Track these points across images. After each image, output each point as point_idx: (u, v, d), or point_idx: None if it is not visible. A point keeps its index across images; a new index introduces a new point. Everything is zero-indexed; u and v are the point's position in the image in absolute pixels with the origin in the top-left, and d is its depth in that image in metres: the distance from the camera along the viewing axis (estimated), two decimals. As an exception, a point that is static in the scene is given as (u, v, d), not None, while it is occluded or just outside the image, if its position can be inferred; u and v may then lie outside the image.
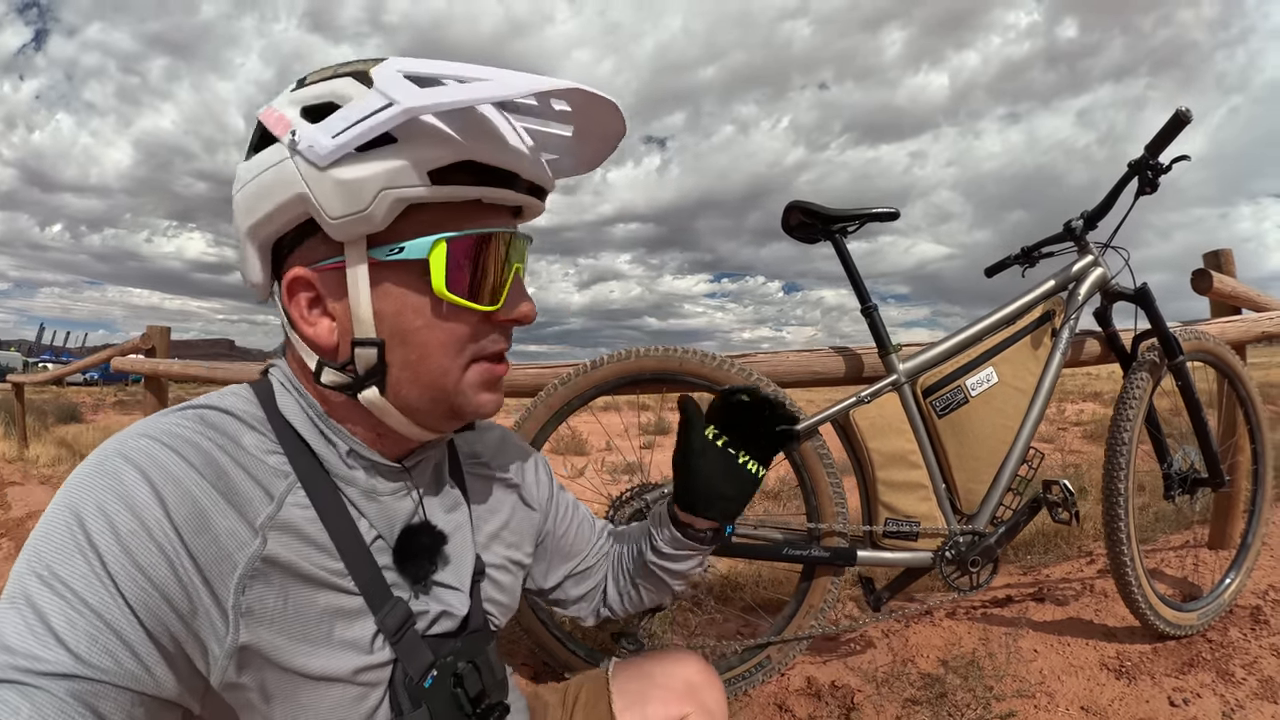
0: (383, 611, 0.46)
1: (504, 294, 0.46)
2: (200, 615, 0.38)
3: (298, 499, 0.44)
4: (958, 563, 1.20)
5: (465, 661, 0.50)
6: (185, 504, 0.38)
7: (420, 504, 0.51)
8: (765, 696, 1.29)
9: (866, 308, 1.24)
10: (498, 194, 0.44)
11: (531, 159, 0.45)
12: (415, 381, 0.45)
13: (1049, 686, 1.27)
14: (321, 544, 0.44)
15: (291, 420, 0.46)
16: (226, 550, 0.39)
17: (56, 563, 0.35)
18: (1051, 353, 1.30)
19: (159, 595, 0.36)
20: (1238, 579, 1.52)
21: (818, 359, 1.32)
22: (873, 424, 1.18)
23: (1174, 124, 1.24)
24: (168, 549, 0.37)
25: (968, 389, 1.22)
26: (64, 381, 14.46)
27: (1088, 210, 1.39)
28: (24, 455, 5.02)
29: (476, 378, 0.47)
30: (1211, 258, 1.84)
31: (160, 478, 0.38)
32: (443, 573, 0.51)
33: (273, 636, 0.41)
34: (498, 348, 0.48)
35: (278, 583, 0.41)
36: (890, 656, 1.41)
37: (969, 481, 1.22)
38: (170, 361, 2.97)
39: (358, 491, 0.47)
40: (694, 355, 1.19)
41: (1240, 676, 1.28)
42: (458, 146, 0.41)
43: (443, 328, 0.44)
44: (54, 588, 0.34)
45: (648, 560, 0.67)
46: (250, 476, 0.42)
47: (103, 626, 0.34)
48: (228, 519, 0.40)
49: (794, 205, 1.24)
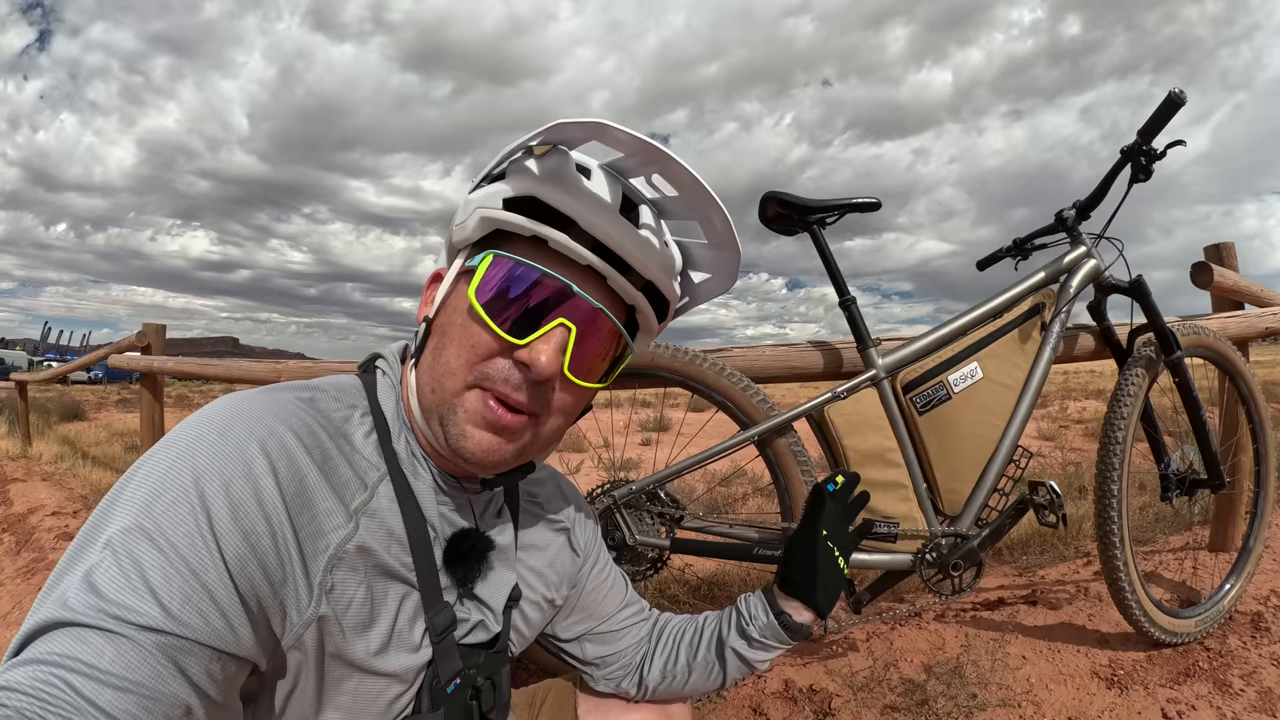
0: (433, 611, 0.49)
1: (532, 336, 0.46)
2: (289, 584, 0.40)
3: (386, 490, 0.47)
4: (939, 565, 1.15)
5: (485, 677, 0.52)
6: (295, 480, 0.41)
7: (474, 516, 0.54)
8: (740, 699, 1.25)
9: (844, 300, 1.20)
10: (550, 232, 0.46)
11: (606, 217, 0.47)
12: (431, 369, 0.48)
13: (1036, 695, 1.23)
14: (399, 536, 0.47)
15: (386, 413, 0.49)
16: (323, 529, 0.42)
17: (164, 517, 0.36)
18: (1041, 348, 1.25)
19: (256, 561, 0.38)
20: (1238, 584, 1.46)
21: (795, 354, 1.28)
22: (848, 420, 1.14)
23: (1167, 107, 1.18)
24: (273, 519, 0.39)
25: (950, 385, 1.17)
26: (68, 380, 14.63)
27: (1080, 200, 1.33)
28: (27, 453, 5.07)
29: (473, 404, 0.46)
30: (1213, 251, 1.78)
31: (276, 451, 0.40)
32: (483, 586, 0.53)
33: (344, 620, 0.43)
34: (506, 389, 0.46)
35: (361, 569, 0.44)
36: (872, 660, 1.36)
37: (951, 481, 1.18)
38: (165, 358, 2.98)
39: (424, 487, 0.49)
40: (666, 350, 1.15)
41: (1238, 688, 1.23)
42: (530, 182, 0.46)
43: (466, 329, 0.46)
44: (157, 543, 0.35)
45: (728, 643, 0.66)
46: (349, 464, 0.45)
47: (198, 586, 0.35)
48: (328, 500, 0.43)
49: (770, 196, 1.20)
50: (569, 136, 0.46)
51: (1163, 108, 1.19)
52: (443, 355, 0.47)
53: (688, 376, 1.15)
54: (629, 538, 1.11)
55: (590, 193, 0.47)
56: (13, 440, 5.53)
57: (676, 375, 1.16)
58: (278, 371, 1.94)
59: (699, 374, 1.15)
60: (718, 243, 0.52)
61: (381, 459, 0.48)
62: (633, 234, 0.48)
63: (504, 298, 0.46)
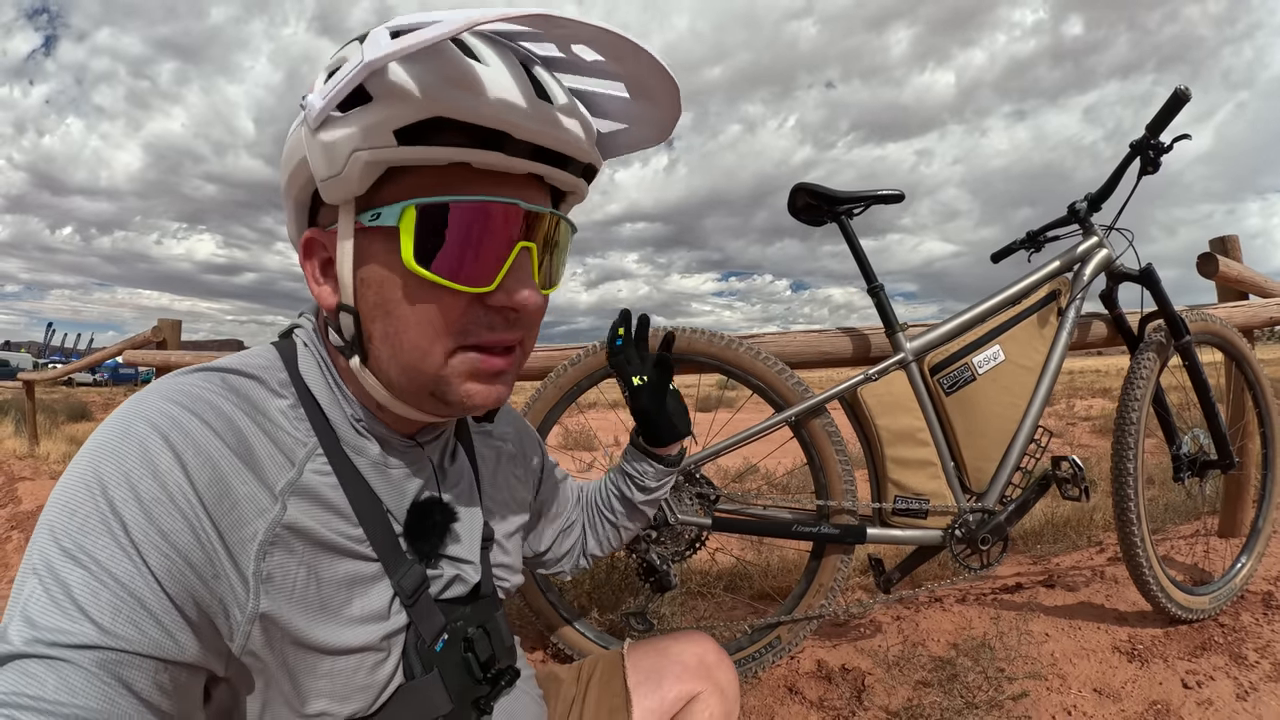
0: (399, 574, 0.46)
1: (499, 275, 0.40)
2: (222, 580, 0.37)
3: (318, 465, 0.43)
4: (968, 540, 1.19)
5: (475, 626, 0.50)
6: (206, 469, 0.37)
7: (435, 479, 0.51)
8: (775, 679, 1.28)
9: (873, 286, 1.25)
10: (482, 156, 0.38)
11: (534, 115, 0.39)
12: (394, 358, 0.42)
13: (1061, 669, 1.26)
14: (341, 510, 0.43)
15: (310, 383, 0.45)
16: (246, 516, 0.39)
17: (79, 533, 0.34)
18: (1058, 332, 1.30)
19: (182, 561, 0.36)
20: (1249, 563, 1.51)
21: (826, 339, 1.33)
22: (880, 401, 1.19)
23: (1173, 102, 1.24)
24: (189, 515, 0.36)
25: (975, 366, 1.22)
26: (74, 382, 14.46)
27: (1091, 193, 1.39)
28: (35, 452, 5.06)
29: (464, 366, 0.42)
30: (1218, 243, 1.84)
31: (182, 442, 0.37)
32: (454, 547, 0.51)
33: (292, 609, 0.40)
34: (493, 337, 0.42)
35: (299, 550, 0.41)
36: (901, 640, 1.40)
37: (977, 459, 1.22)
38: (182, 353, 2.98)
39: (367, 463, 0.46)
40: (702, 335, 1.20)
41: (1253, 659, 1.27)
42: (423, 101, 0.36)
43: (418, 306, 0.40)
44: (77, 559, 0.33)
45: (635, 501, 0.74)
46: (271, 441, 0.41)
47: (126, 596, 0.34)
48: (248, 485, 0.39)
49: (800, 187, 1.25)
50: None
51: (1169, 103, 1.26)
52: (403, 339, 0.41)
53: (724, 361, 1.20)
54: (670, 517, 1.15)
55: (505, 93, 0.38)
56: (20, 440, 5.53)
57: (713, 360, 1.20)
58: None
59: (735, 358, 1.19)
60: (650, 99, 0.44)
61: (311, 432, 0.44)
62: (564, 125, 0.41)
63: (452, 250, 0.39)
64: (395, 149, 0.37)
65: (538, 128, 0.39)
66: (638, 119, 0.47)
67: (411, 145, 0.37)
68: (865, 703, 1.18)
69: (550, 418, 1.25)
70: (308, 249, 0.45)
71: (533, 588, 1.27)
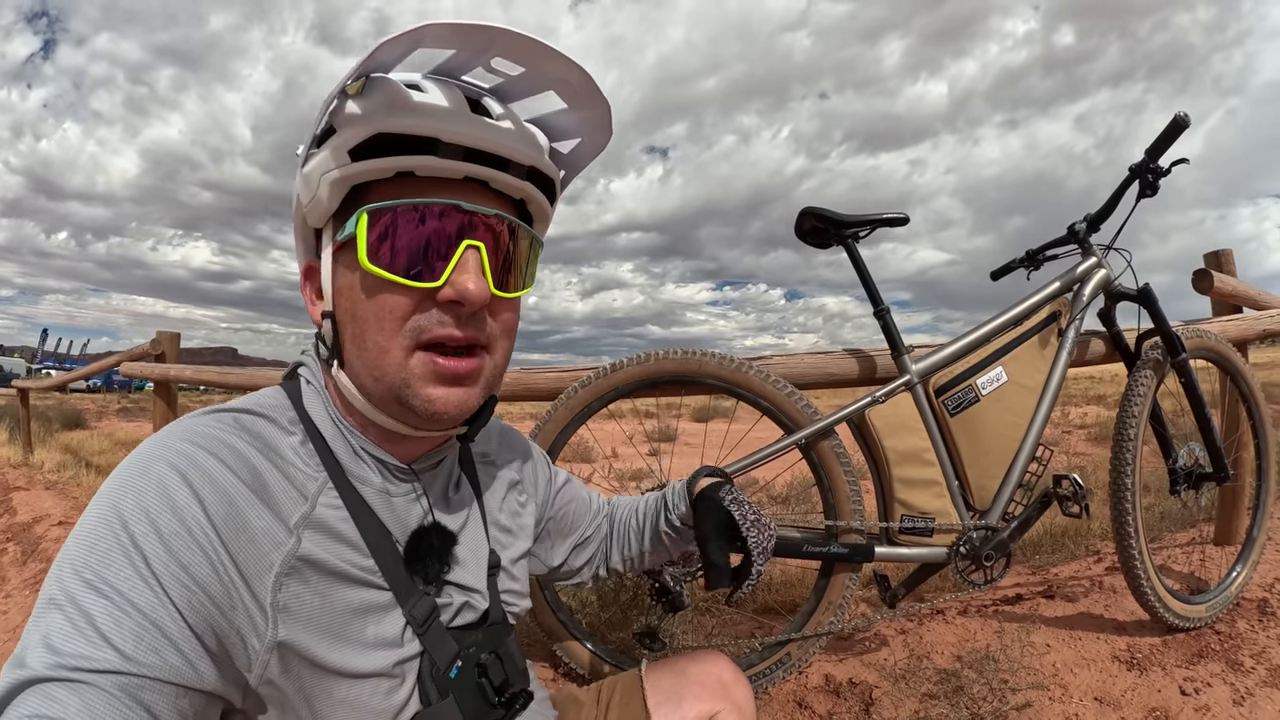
0: (409, 604, 0.47)
1: (445, 271, 0.43)
2: (239, 611, 0.39)
3: (329, 499, 0.45)
4: (972, 557, 1.22)
5: (488, 652, 0.51)
6: (223, 505, 0.39)
7: (430, 508, 0.52)
8: (785, 695, 1.31)
9: (879, 310, 1.28)
10: (417, 161, 0.43)
11: (461, 121, 0.43)
12: (361, 358, 0.45)
13: (1062, 678, 1.30)
14: (353, 542, 0.45)
15: (315, 419, 0.48)
16: (263, 549, 0.41)
17: (101, 565, 0.35)
18: (1058, 352, 1.33)
19: (202, 592, 0.37)
20: (1244, 572, 1.55)
21: (833, 361, 1.35)
22: (887, 423, 1.21)
23: (1173, 129, 1.28)
24: (208, 548, 0.38)
25: (978, 388, 1.25)
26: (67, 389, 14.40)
27: (1090, 213, 1.42)
28: (29, 461, 5.01)
29: (421, 368, 0.44)
30: (1212, 258, 1.88)
31: (199, 480, 0.39)
32: (459, 572, 0.52)
33: (309, 635, 0.42)
34: (444, 331, 0.44)
35: (313, 581, 0.43)
36: (906, 653, 1.43)
37: (981, 478, 1.25)
38: (181, 367, 2.98)
39: (372, 490, 0.48)
40: (713, 358, 1.22)
41: (1249, 666, 1.30)
42: (367, 122, 0.42)
43: (374, 301, 0.44)
44: (99, 589, 0.35)
45: (660, 530, 0.73)
46: (284, 477, 0.44)
47: (148, 624, 0.35)
48: (263, 519, 0.41)
49: (807, 211, 1.28)
50: (386, 59, 0.42)
51: (1168, 129, 1.29)
52: (366, 339, 0.44)
53: (735, 383, 1.22)
54: (682, 537, 1.17)
55: (434, 105, 0.43)
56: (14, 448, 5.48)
57: (723, 382, 1.22)
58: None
59: (746, 381, 1.22)
60: (580, 103, 0.48)
61: (320, 466, 0.46)
62: (496, 128, 0.45)
63: (399, 248, 0.43)
64: (349, 165, 0.43)
65: (465, 130, 0.43)
66: (585, 126, 0.51)
67: (361, 160, 0.43)
68: (873, 716, 1.21)
69: (561, 439, 1.27)
70: (306, 275, 0.50)
71: (543, 606, 1.29)
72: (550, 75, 0.45)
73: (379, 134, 0.42)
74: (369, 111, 0.42)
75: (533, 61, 0.43)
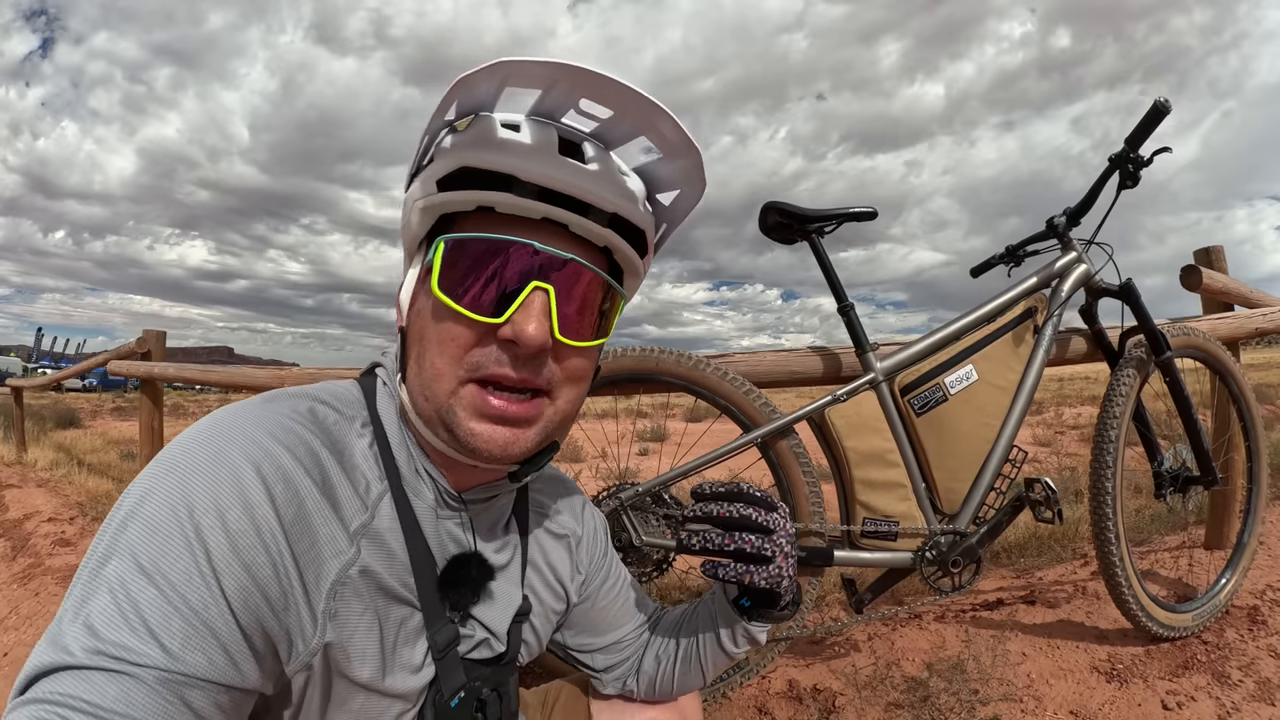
0: (434, 628, 0.48)
1: (509, 310, 0.42)
2: (292, 612, 0.39)
3: (387, 509, 0.45)
4: (939, 563, 1.18)
5: (490, 689, 0.51)
6: (293, 506, 0.39)
7: (474, 536, 0.52)
8: (745, 699, 1.27)
9: (843, 306, 1.23)
10: (493, 196, 0.43)
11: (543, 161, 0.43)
12: (419, 377, 0.46)
13: (1037, 690, 1.25)
14: (401, 557, 0.46)
15: (385, 422, 0.48)
16: (324, 555, 0.41)
17: (159, 553, 0.34)
18: (1034, 350, 1.28)
19: (259, 593, 0.37)
20: (1234, 579, 1.49)
21: (796, 359, 1.31)
22: (849, 422, 1.17)
23: (1153, 115, 1.22)
24: (273, 549, 0.37)
25: (946, 387, 1.20)
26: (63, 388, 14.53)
27: (1070, 207, 1.37)
28: (22, 459, 5.04)
29: (470, 399, 0.44)
30: (1202, 255, 1.82)
31: (273, 477, 0.39)
32: (484, 610, 0.52)
33: (350, 646, 0.42)
34: (499, 370, 0.43)
35: (365, 593, 0.43)
36: (874, 659, 1.39)
37: (949, 480, 1.20)
38: (166, 364, 2.99)
39: (424, 506, 0.48)
40: (670, 355, 1.18)
41: (1237, 679, 1.25)
42: (455, 156, 0.43)
43: (439, 327, 0.44)
44: (153, 579, 0.34)
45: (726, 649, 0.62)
46: (349, 480, 0.44)
47: (199, 624, 0.34)
48: (329, 525, 0.41)
49: (770, 205, 1.23)
50: (480, 94, 0.43)
51: (1149, 116, 1.23)
52: (425, 360, 0.45)
53: (692, 381, 1.18)
54: (635, 539, 1.14)
55: (519, 142, 0.43)
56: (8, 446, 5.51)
57: (681, 380, 1.19)
58: (281, 378, 1.96)
59: (702, 378, 1.18)
60: (673, 151, 0.47)
61: (382, 473, 0.46)
62: (578, 170, 0.44)
63: (469, 280, 0.43)
64: (435, 195, 0.44)
65: (542, 170, 0.43)
66: (682, 176, 0.50)
67: (446, 191, 0.44)
68: (835, 726, 1.17)
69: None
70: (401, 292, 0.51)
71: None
72: (638, 118, 0.45)
73: (463, 167, 0.43)
74: (459, 145, 0.44)
75: (618, 103, 0.43)
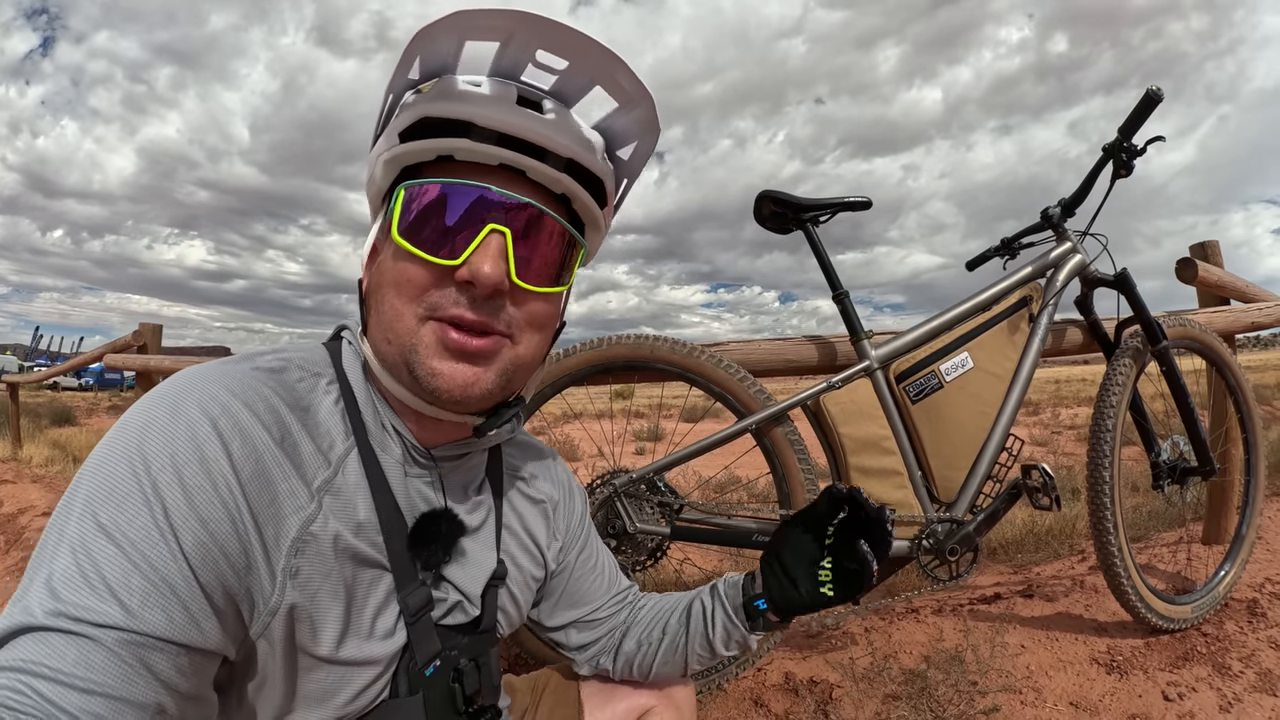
0: (405, 591, 0.46)
1: (465, 251, 0.43)
2: (253, 571, 0.38)
3: (354, 465, 0.45)
4: (936, 551, 1.17)
5: (468, 659, 0.50)
6: (250, 460, 0.38)
7: (444, 495, 0.51)
8: (741, 691, 1.25)
9: (838, 294, 1.23)
10: (452, 143, 0.44)
11: (500, 108, 0.44)
12: (379, 322, 0.46)
13: (1036, 681, 1.23)
14: (366, 515, 0.45)
15: (351, 380, 0.47)
16: (284, 511, 0.40)
17: (118, 510, 0.34)
18: (1030, 338, 1.28)
19: (217, 549, 0.36)
20: (1232, 571, 1.48)
21: (790, 347, 1.31)
22: (844, 409, 1.16)
23: (1145, 104, 1.23)
24: (230, 505, 0.37)
25: (942, 374, 1.20)
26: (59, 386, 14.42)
27: (1065, 198, 1.38)
28: (17, 455, 5.05)
29: (430, 336, 0.44)
30: (1198, 249, 1.82)
31: (230, 431, 0.38)
32: (457, 571, 0.51)
33: (314, 609, 0.41)
34: (457, 310, 0.43)
35: (328, 552, 0.42)
36: (871, 652, 1.37)
37: (945, 468, 1.20)
38: (162, 357, 2.99)
39: (392, 462, 0.47)
40: (664, 343, 1.18)
41: (1237, 670, 1.24)
42: (417, 109, 0.44)
43: (397, 268, 0.45)
44: (113, 537, 0.33)
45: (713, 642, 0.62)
46: (312, 438, 0.43)
47: (158, 581, 0.34)
48: (289, 480, 0.40)
49: (765, 195, 1.24)
50: (442, 51, 0.44)
51: (1141, 105, 1.24)
52: (384, 304, 0.45)
53: (687, 369, 1.18)
54: (629, 526, 1.13)
55: (478, 93, 0.45)
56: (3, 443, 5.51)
57: (676, 368, 1.18)
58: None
59: (697, 366, 1.17)
60: (628, 100, 0.47)
61: (349, 429, 0.45)
62: (535, 118, 0.45)
63: (425, 223, 0.43)
64: (398, 146, 0.45)
65: (500, 116, 0.44)
66: (637, 127, 0.51)
67: (407, 142, 0.45)
68: (832, 717, 1.15)
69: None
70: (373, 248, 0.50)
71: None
72: (594, 68, 0.46)
73: (424, 118, 0.44)
74: (420, 100, 0.45)
75: (573, 52, 0.44)
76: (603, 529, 1.14)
